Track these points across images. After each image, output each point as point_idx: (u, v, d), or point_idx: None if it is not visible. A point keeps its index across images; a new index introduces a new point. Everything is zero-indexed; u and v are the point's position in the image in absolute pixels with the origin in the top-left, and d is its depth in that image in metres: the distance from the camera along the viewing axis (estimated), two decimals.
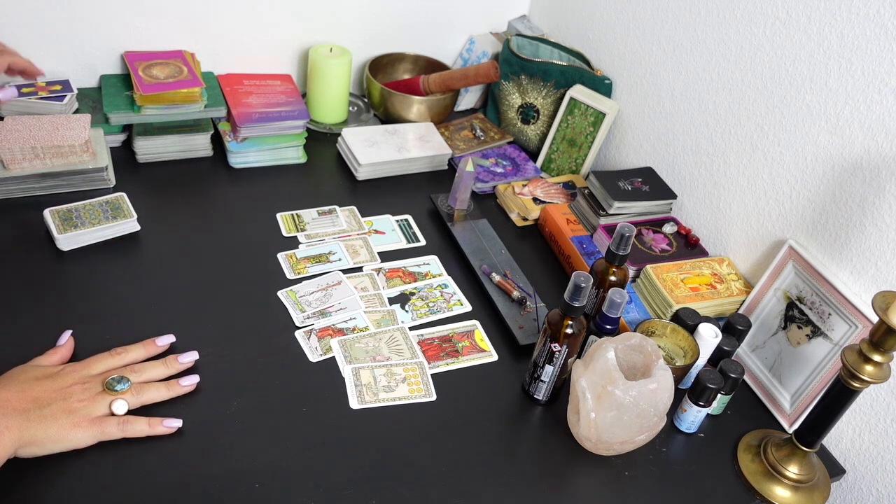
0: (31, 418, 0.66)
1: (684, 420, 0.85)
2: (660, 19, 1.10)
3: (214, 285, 0.91)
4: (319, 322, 0.89)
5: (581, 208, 1.11)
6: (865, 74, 0.82)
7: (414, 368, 0.86)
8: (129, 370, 0.75)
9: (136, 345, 0.78)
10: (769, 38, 0.93)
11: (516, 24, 1.39)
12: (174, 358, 0.78)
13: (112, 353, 0.76)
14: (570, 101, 1.20)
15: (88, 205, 0.95)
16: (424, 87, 1.29)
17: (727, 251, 1.05)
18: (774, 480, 0.81)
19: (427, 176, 1.21)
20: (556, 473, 0.79)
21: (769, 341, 0.93)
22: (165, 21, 1.14)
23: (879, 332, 0.68)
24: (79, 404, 0.69)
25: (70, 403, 0.68)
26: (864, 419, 0.87)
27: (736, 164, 1.01)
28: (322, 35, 1.28)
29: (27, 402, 0.66)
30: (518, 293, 0.97)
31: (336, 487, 0.72)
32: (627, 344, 0.78)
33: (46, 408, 0.67)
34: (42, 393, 0.68)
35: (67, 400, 0.68)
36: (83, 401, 0.69)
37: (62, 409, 0.68)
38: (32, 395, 0.67)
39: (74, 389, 0.70)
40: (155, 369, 0.76)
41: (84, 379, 0.72)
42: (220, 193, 1.08)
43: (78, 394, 0.70)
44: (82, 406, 0.69)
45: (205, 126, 1.12)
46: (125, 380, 0.73)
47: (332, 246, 1.02)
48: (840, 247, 0.88)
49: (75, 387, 0.70)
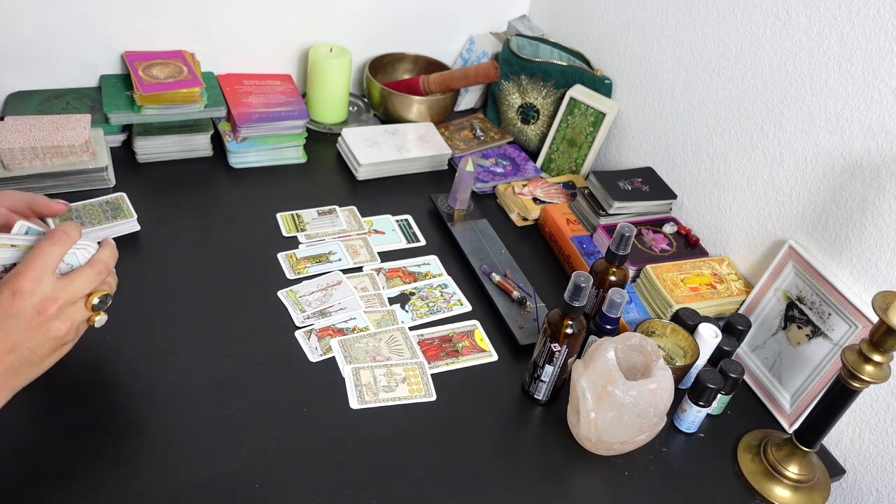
0: (19, 370, 0.62)
1: (684, 420, 0.85)
2: (660, 19, 1.10)
3: (214, 285, 0.91)
4: (319, 322, 0.89)
5: (581, 208, 1.11)
6: (865, 74, 0.82)
7: (414, 368, 0.86)
8: (105, 285, 0.68)
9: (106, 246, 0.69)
10: (769, 38, 0.93)
11: (516, 24, 1.39)
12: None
13: (89, 266, 0.66)
14: (570, 101, 1.20)
15: (88, 205, 0.95)
16: (424, 87, 1.29)
17: (727, 251, 1.05)
18: (774, 480, 0.81)
19: (427, 176, 1.21)
20: (556, 473, 0.79)
21: (769, 341, 0.93)
22: (165, 21, 1.14)
23: (879, 332, 0.68)
24: (67, 337, 0.64)
25: (59, 339, 0.64)
26: (864, 419, 0.87)
27: (736, 164, 1.01)
28: (322, 35, 1.28)
29: (9, 355, 0.61)
30: (518, 293, 0.97)
31: (336, 487, 0.72)
32: (627, 344, 0.78)
33: (34, 353, 0.62)
34: (24, 339, 0.61)
35: (56, 339, 0.63)
36: (71, 333, 0.65)
37: (51, 347, 0.63)
38: (11, 342, 0.61)
39: (61, 329, 0.63)
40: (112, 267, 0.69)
41: (70, 315, 0.64)
42: (220, 193, 1.08)
43: (65, 332, 0.63)
44: (71, 339, 0.65)
45: (205, 126, 1.12)
46: (107, 296, 0.67)
47: (332, 246, 1.02)
48: (840, 247, 0.88)
49: (63, 324, 0.63)
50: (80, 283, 0.64)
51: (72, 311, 0.64)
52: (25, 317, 0.61)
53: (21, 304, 0.60)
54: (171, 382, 0.79)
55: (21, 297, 0.60)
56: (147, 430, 0.74)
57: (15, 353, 0.61)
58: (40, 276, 0.61)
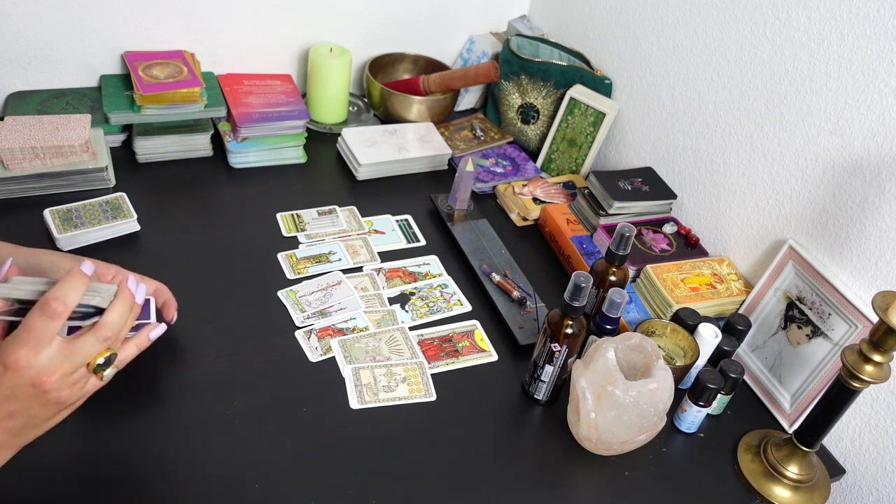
0: (21, 433, 0.59)
1: (684, 420, 0.85)
2: (660, 19, 1.10)
3: (214, 285, 0.91)
4: (319, 322, 0.89)
5: (581, 208, 1.11)
6: (865, 74, 0.82)
7: (414, 368, 0.86)
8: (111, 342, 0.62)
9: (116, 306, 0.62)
10: (769, 38, 0.93)
11: (516, 24, 1.39)
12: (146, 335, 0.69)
13: (94, 331, 0.60)
14: (570, 101, 1.20)
15: (88, 205, 0.95)
16: (424, 87, 1.29)
17: (727, 251, 1.05)
18: (774, 480, 0.81)
19: (427, 176, 1.21)
20: (556, 473, 0.79)
21: (769, 341, 0.93)
22: (165, 21, 1.14)
23: (879, 332, 0.68)
24: (70, 400, 0.61)
25: (62, 405, 0.60)
26: (864, 419, 0.87)
27: (736, 164, 1.01)
28: (322, 35, 1.28)
29: (9, 421, 0.58)
30: (518, 293, 0.97)
31: (336, 487, 0.72)
32: (627, 344, 0.78)
33: (36, 417, 0.59)
34: (23, 408, 0.58)
35: (58, 404, 0.60)
36: (74, 397, 0.61)
37: (53, 411, 0.60)
38: (8, 411, 0.57)
39: (62, 396, 0.59)
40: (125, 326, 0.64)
41: (71, 382, 0.60)
42: (220, 193, 1.08)
43: (67, 397, 0.60)
44: (75, 400, 0.62)
45: (205, 126, 1.12)
46: (112, 356, 0.62)
47: (332, 246, 1.02)
48: (840, 247, 0.88)
49: (63, 392, 0.59)
50: (83, 352, 0.59)
51: (74, 378, 0.60)
52: (22, 390, 0.57)
53: (15, 378, 0.56)
54: (170, 382, 0.79)
55: (15, 372, 0.56)
56: (147, 430, 0.74)
57: (15, 419, 0.58)
58: (35, 350, 0.56)
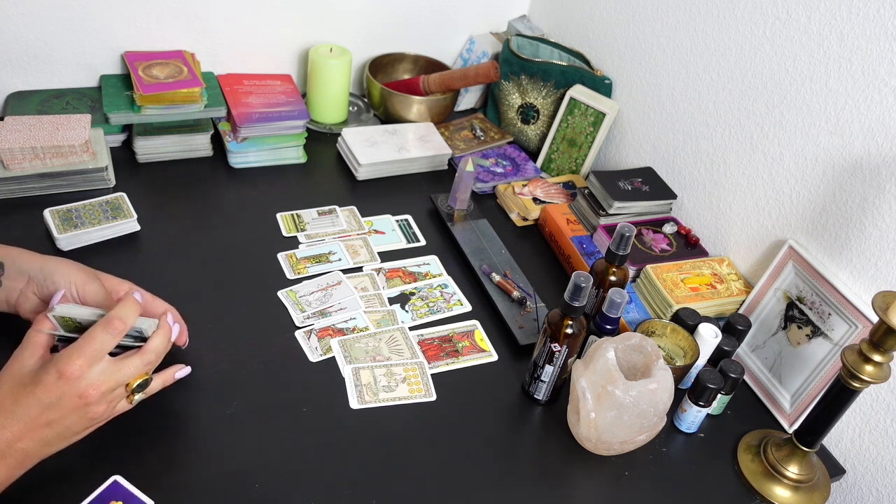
0: (51, 443, 0.63)
1: (684, 420, 0.85)
2: (660, 19, 1.10)
3: (214, 285, 0.91)
4: (319, 322, 0.89)
5: (581, 208, 1.11)
6: (865, 74, 0.82)
7: (414, 368, 0.86)
8: (151, 367, 0.68)
9: (159, 335, 0.69)
10: (769, 38, 0.93)
11: (516, 24, 1.39)
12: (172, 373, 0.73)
13: (140, 355, 0.66)
14: (570, 101, 1.20)
15: (88, 205, 0.95)
16: (424, 87, 1.29)
17: (727, 251, 1.05)
18: (774, 480, 0.81)
19: (427, 176, 1.21)
20: (556, 473, 0.79)
21: (769, 341, 0.93)
22: (165, 21, 1.14)
23: (879, 332, 0.68)
24: (102, 417, 0.66)
25: (95, 420, 0.65)
26: (864, 419, 0.87)
27: (736, 164, 1.01)
28: (322, 35, 1.28)
29: (45, 430, 0.61)
30: (518, 293, 0.97)
31: (336, 487, 0.72)
32: (627, 344, 0.78)
33: (69, 430, 0.63)
34: (62, 418, 0.62)
35: (92, 419, 0.64)
36: (106, 414, 0.66)
37: (86, 425, 0.64)
38: (48, 419, 0.61)
39: (98, 411, 0.64)
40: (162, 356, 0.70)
41: (109, 399, 0.64)
42: (220, 193, 1.08)
43: (102, 412, 0.65)
44: (105, 418, 0.66)
45: (205, 126, 1.12)
46: (147, 380, 0.68)
47: (332, 246, 1.02)
48: (840, 247, 0.88)
49: (101, 407, 0.64)
50: (127, 372, 0.65)
51: (112, 395, 0.65)
52: (68, 400, 0.61)
53: (65, 387, 0.61)
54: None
55: (67, 381, 0.61)
56: (146, 430, 0.74)
57: (51, 428, 0.62)
58: (90, 362, 0.62)
